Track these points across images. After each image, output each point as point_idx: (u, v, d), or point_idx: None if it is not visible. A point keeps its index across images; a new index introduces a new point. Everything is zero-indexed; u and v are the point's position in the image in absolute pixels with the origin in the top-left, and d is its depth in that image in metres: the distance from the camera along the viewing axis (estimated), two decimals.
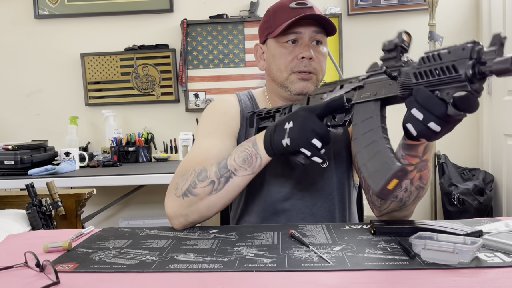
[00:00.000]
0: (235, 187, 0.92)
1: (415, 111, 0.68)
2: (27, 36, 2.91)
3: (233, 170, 0.91)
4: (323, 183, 1.08)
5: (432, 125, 0.68)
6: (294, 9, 1.02)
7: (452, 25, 2.75)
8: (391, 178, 0.69)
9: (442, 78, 0.66)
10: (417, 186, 0.89)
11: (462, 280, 0.61)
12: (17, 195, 1.89)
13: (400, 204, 0.92)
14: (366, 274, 0.65)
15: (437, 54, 0.67)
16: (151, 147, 2.63)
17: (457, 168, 2.64)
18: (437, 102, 0.66)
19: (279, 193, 1.08)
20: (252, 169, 0.91)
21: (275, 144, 0.87)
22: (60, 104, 2.93)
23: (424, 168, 0.87)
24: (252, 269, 0.68)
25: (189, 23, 2.80)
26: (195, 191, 0.92)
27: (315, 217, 1.07)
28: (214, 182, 0.91)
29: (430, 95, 0.67)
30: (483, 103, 2.67)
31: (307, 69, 1.03)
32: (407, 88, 0.71)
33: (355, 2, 2.77)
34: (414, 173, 0.87)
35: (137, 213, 2.93)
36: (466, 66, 0.63)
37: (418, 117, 0.68)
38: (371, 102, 0.79)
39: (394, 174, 0.68)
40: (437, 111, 0.66)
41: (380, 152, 0.72)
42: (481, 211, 2.40)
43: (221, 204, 0.93)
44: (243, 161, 0.91)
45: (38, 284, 0.64)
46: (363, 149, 0.75)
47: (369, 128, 0.76)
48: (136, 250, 0.79)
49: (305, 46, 1.03)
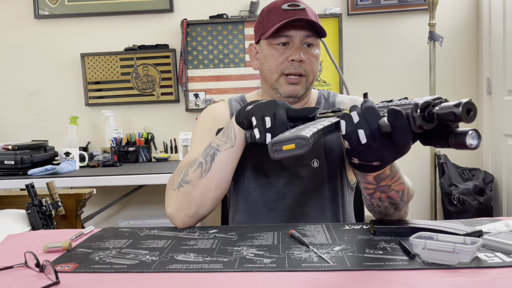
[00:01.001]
0: (222, 164, 0.96)
1: (354, 113, 0.71)
2: (27, 36, 2.91)
3: (215, 146, 0.97)
4: (315, 183, 1.08)
5: (361, 133, 0.70)
6: (286, 11, 1.02)
7: (452, 25, 2.75)
8: (291, 140, 0.71)
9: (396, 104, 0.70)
10: (390, 202, 0.91)
11: (462, 280, 0.61)
12: (17, 195, 1.89)
13: (383, 215, 0.95)
14: (366, 274, 0.65)
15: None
16: (151, 147, 2.63)
17: (457, 168, 2.64)
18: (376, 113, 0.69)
19: (271, 192, 1.09)
20: (231, 141, 0.96)
21: (240, 111, 0.93)
22: (60, 104, 2.93)
23: (388, 191, 0.88)
24: (252, 269, 0.68)
25: (189, 23, 2.80)
26: (187, 179, 0.96)
27: (307, 217, 1.08)
28: (202, 164, 0.96)
29: (372, 105, 0.70)
30: (483, 103, 2.67)
31: (297, 71, 1.04)
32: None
33: (355, 2, 2.77)
34: (378, 194, 0.89)
35: (137, 213, 2.93)
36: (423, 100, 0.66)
37: (354, 118, 0.70)
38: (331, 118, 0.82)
39: (295, 139, 0.70)
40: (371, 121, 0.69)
41: (301, 128, 0.76)
42: (481, 211, 2.40)
43: (214, 185, 0.96)
44: (223, 134, 0.97)
45: (38, 284, 0.64)
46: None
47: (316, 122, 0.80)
48: (136, 250, 0.79)
49: (296, 49, 1.03)
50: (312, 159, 1.09)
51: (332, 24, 2.75)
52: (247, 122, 0.91)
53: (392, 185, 0.87)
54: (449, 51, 2.74)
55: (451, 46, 2.73)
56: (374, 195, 0.89)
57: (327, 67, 2.77)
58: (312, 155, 1.09)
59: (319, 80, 2.79)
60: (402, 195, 0.90)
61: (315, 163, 1.08)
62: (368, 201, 0.93)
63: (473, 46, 2.75)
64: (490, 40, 2.58)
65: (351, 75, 2.78)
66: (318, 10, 2.78)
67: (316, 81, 2.73)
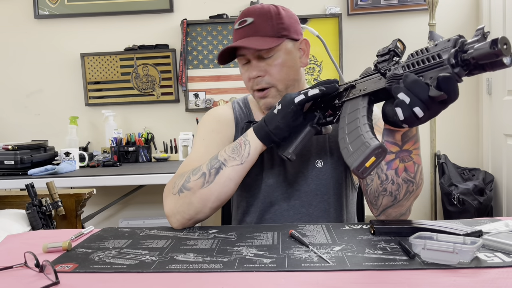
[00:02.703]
0: (226, 179, 0.94)
1: (402, 95, 0.71)
2: (27, 36, 2.91)
3: (222, 160, 0.94)
4: (319, 183, 1.08)
5: (417, 110, 0.70)
6: (237, 31, 1.05)
7: (452, 25, 2.75)
8: (370, 155, 0.71)
9: (427, 65, 0.70)
10: (404, 178, 0.89)
11: (462, 280, 0.61)
12: (17, 195, 1.89)
13: (391, 198, 0.92)
14: (366, 274, 0.65)
15: (424, 48, 0.72)
16: (151, 147, 2.63)
17: (457, 168, 2.64)
18: (422, 85, 0.69)
19: (276, 192, 1.09)
20: (241, 158, 0.94)
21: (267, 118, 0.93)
22: (60, 104, 2.93)
23: (408, 159, 0.87)
24: (252, 269, 0.68)
25: (189, 23, 2.80)
26: (188, 185, 0.95)
27: (311, 216, 1.08)
28: (205, 174, 0.94)
29: (416, 79, 0.70)
30: (483, 103, 2.67)
31: (259, 86, 1.06)
32: (394, 79, 0.75)
33: (355, 2, 2.77)
34: (396, 163, 0.87)
35: (137, 213, 2.93)
36: (449, 52, 0.67)
37: (405, 100, 0.71)
38: (359, 97, 0.83)
39: (372, 152, 0.71)
40: (421, 94, 0.69)
41: (361, 135, 0.75)
42: (481, 211, 2.40)
43: (214, 197, 0.94)
44: (233, 150, 0.95)
45: (38, 284, 0.64)
46: (347, 136, 0.79)
47: (355, 117, 0.80)
48: (136, 250, 0.79)
49: (253, 67, 1.05)
50: (316, 160, 1.09)
51: (332, 24, 2.75)
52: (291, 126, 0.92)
53: (413, 152, 0.87)
54: None
55: None
56: (393, 164, 0.87)
57: (327, 67, 2.77)
58: (316, 155, 1.09)
59: (319, 80, 2.79)
60: (417, 171, 0.89)
61: (319, 163, 1.09)
62: (383, 176, 0.90)
63: None
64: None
65: (351, 75, 2.77)
66: (318, 10, 2.78)
67: (315, 81, 2.73)
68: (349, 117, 0.82)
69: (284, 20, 1.04)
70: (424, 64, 0.71)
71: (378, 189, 0.94)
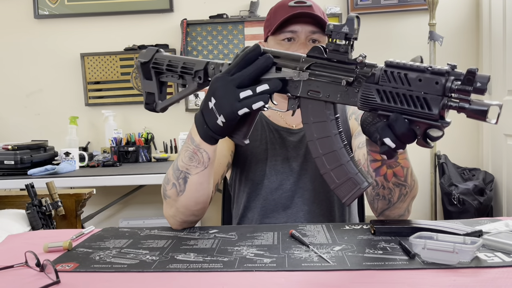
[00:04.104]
0: (197, 185, 0.89)
1: (389, 141, 0.66)
2: (27, 36, 2.91)
3: (185, 170, 0.88)
4: (323, 181, 1.08)
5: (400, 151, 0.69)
6: (293, 7, 1.03)
7: (452, 25, 2.75)
8: (359, 193, 0.71)
9: (414, 110, 0.63)
10: (395, 183, 0.89)
11: (462, 280, 0.61)
12: (17, 195, 1.89)
13: (386, 202, 0.93)
14: (366, 273, 0.65)
15: (404, 75, 0.63)
16: (151, 147, 2.63)
17: (457, 168, 2.64)
18: (412, 136, 0.65)
19: (280, 190, 1.09)
20: (203, 164, 0.87)
21: (212, 129, 0.80)
22: (60, 104, 2.93)
23: (395, 165, 0.87)
24: (252, 269, 0.68)
25: (189, 23, 2.80)
26: (167, 194, 0.92)
27: (313, 214, 1.08)
28: (175, 185, 0.90)
29: (408, 129, 0.64)
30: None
31: None
32: (369, 105, 0.67)
33: (355, 2, 2.77)
34: (384, 169, 0.87)
35: (137, 213, 2.93)
36: (439, 104, 0.61)
37: (391, 146, 0.67)
38: (321, 103, 0.73)
39: (364, 189, 0.71)
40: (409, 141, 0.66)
41: (344, 165, 0.71)
42: (481, 211, 2.40)
43: (194, 202, 0.91)
44: (190, 159, 0.87)
45: (39, 283, 0.64)
46: (323, 157, 0.73)
47: (325, 134, 0.73)
48: (136, 250, 0.79)
49: (301, 44, 1.04)
50: None
51: None
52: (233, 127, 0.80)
53: (399, 157, 0.86)
54: (449, 51, 2.74)
55: (451, 46, 2.73)
56: (380, 170, 0.87)
57: None
58: None
59: None
60: (407, 174, 0.89)
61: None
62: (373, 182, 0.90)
63: (473, 46, 2.75)
64: (490, 40, 2.58)
65: None
66: None
67: None
68: (316, 129, 0.73)
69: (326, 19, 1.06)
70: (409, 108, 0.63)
71: (372, 193, 0.95)
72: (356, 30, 0.68)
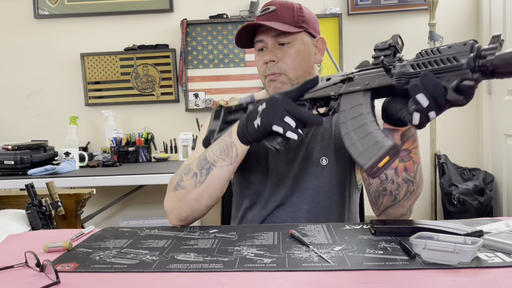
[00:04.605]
0: (217, 178, 0.96)
1: (422, 96, 0.67)
2: (27, 36, 2.91)
3: (212, 161, 0.96)
4: (323, 181, 1.09)
5: (432, 115, 0.69)
6: (259, 17, 1.08)
7: (452, 25, 2.75)
8: (384, 155, 0.70)
9: (444, 67, 0.67)
10: (404, 178, 0.90)
11: (462, 280, 0.61)
12: (17, 195, 1.89)
13: (392, 198, 0.93)
14: (366, 274, 0.65)
15: (436, 49, 0.69)
16: (151, 147, 2.63)
17: (457, 168, 2.64)
18: (441, 88, 0.66)
19: (280, 189, 1.10)
20: (230, 159, 0.94)
21: (248, 128, 0.90)
22: (60, 104, 2.93)
23: (407, 158, 0.88)
24: (252, 269, 0.68)
25: (189, 23, 2.80)
26: (183, 184, 0.98)
27: (312, 214, 1.08)
28: (196, 174, 0.97)
29: (436, 80, 0.66)
30: (483, 103, 2.67)
31: (271, 71, 1.07)
32: (404, 77, 0.72)
33: (355, 2, 2.77)
34: (396, 162, 0.88)
35: (137, 213, 2.93)
36: (468, 57, 0.65)
37: (423, 103, 0.67)
38: (360, 92, 0.79)
39: (387, 152, 0.70)
40: (440, 97, 0.67)
41: (372, 133, 0.73)
42: (481, 211, 2.39)
43: (208, 195, 0.97)
44: (220, 152, 0.95)
45: (38, 284, 0.64)
46: (351, 131, 0.76)
47: (359, 113, 0.77)
48: (136, 250, 0.79)
49: (268, 51, 1.07)
50: (321, 157, 1.09)
51: (332, 24, 2.75)
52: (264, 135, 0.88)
53: (412, 152, 0.88)
54: None
55: None
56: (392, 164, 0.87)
57: (327, 67, 2.77)
58: (321, 152, 1.09)
59: None
60: (416, 170, 0.90)
61: (324, 160, 1.09)
62: (383, 175, 0.91)
63: None
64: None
65: None
66: (318, 10, 2.78)
67: None
68: (350, 112, 0.78)
69: (305, 14, 1.07)
70: (439, 66, 0.67)
71: (378, 188, 0.94)
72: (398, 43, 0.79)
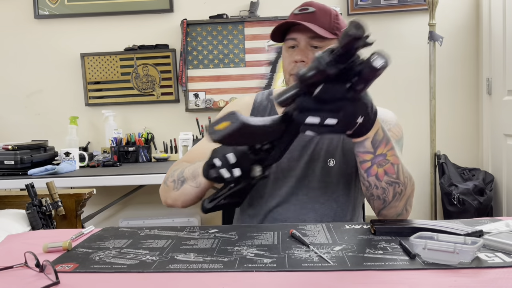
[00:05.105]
0: (187, 193, 1.02)
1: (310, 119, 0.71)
2: (27, 36, 2.91)
3: (186, 177, 1.02)
4: (329, 181, 1.09)
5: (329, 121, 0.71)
6: (295, 15, 1.08)
7: (452, 25, 2.74)
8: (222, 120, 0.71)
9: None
10: (387, 181, 0.90)
11: (462, 280, 0.61)
12: (17, 195, 1.89)
13: (381, 201, 0.94)
14: (366, 274, 0.65)
15: None
16: (151, 147, 2.63)
17: (457, 168, 2.64)
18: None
19: (282, 186, 1.10)
20: (196, 183, 0.99)
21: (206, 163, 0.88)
22: (60, 104, 2.93)
23: (384, 162, 0.88)
24: (252, 269, 0.68)
25: (189, 23, 2.79)
26: (168, 183, 1.08)
27: (317, 213, 1.08)
28: (175, 181, 1.05)
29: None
30: (483, 103, 2.67)
31: None
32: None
33: (355, 2, 2.77)
34: (374, 169, 0.89)
35: (137, 213, 2.93)
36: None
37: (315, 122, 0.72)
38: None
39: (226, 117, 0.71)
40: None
41: None
42: (481, 211, 2.39)
43: (181, 202, 1.05)
44: (192, 174, 1.00)
45: (38, 284, 0.64)
46: None
47: None
48: (136, 250, 0.79)
49: (300, 51, 1.08)
50: (328, 158, 1.10)
51: None
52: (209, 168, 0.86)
53: (388, 154, 0.88)
54: (449, 51, 2.74)
55: (451, 46, 2.73)
56: (371, 171, 0.89)
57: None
58: (328, 153, 1.10)
59: None
60: (398, 171, 0.90)
61: (331, 162, 1.10)
62: (366, 183, 0.92)
63: (473, 46, 2.75)
64: (490, 40, 2.58)
65: None
66: None
67: None
68: None
69: (340, 22, 1.09)
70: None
71: (366, 194, 0.96)
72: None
